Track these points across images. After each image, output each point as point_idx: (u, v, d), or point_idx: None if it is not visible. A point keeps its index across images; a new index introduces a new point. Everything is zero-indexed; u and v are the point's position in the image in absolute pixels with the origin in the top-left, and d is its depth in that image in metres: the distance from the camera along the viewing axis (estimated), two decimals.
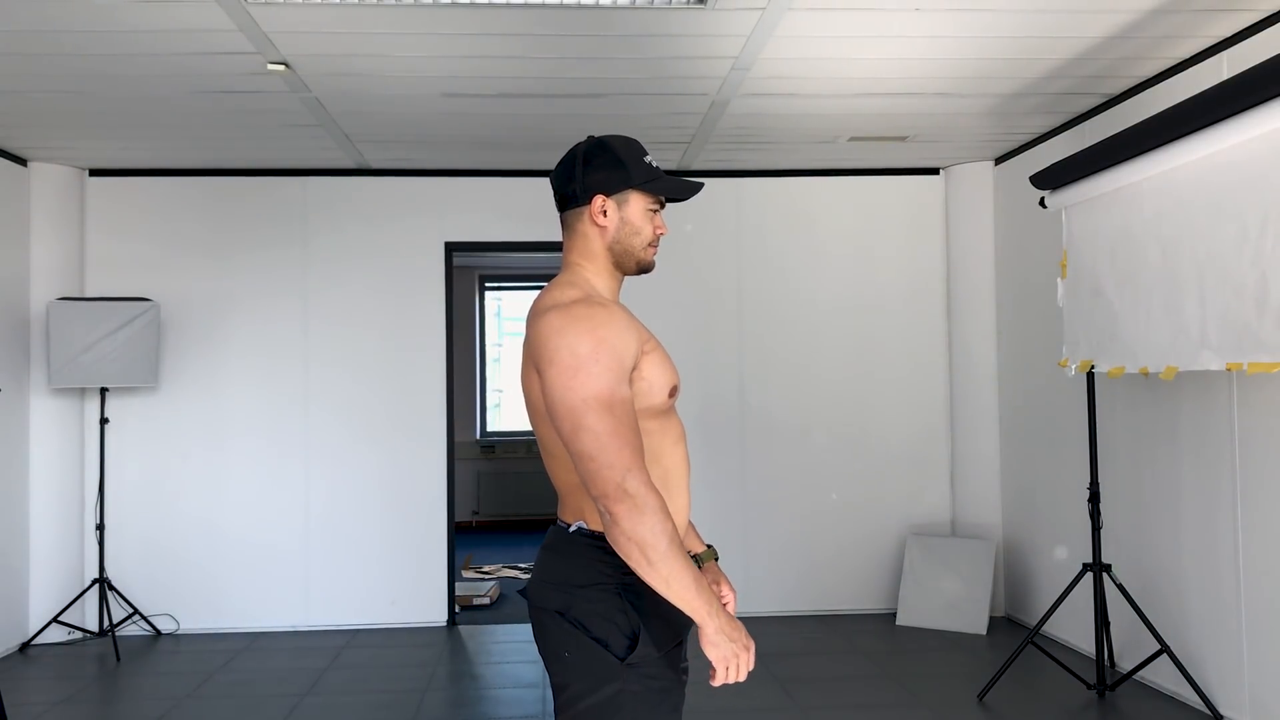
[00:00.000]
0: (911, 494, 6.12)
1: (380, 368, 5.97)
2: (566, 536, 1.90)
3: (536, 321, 1.83)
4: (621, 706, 1.78)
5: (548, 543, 1.96)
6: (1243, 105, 3.32)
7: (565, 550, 1.89)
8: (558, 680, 1.86)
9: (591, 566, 1.83)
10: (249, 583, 5.85)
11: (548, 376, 1.76)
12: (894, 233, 6.18)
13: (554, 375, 1.75)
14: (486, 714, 4.36)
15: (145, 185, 5.92)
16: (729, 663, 1.74)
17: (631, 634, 1.79)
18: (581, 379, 1.72)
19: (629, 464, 1.69)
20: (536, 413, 1.89)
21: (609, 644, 1.79)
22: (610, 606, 1.81)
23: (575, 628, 1.81)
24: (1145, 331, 3.91)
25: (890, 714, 4.26)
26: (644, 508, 1.67)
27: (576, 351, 1.74)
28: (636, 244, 1.95)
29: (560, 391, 1.74)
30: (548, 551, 1.94)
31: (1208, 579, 4.12)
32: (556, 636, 1.84)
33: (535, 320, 1.84)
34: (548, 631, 1.87)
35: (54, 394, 5.62)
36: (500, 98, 4.58)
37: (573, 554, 1.87)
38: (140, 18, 3.58)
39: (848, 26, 3.77)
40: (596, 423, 1.70)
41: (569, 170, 1.96)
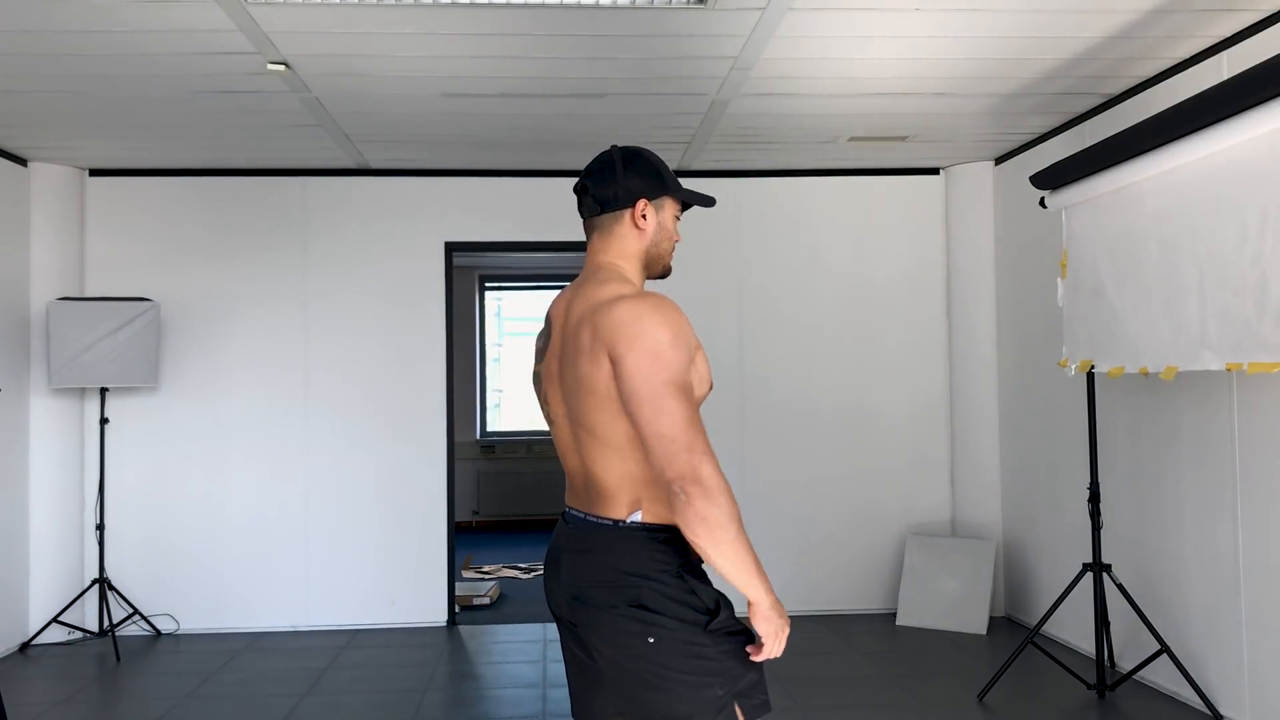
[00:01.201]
0: (911, 494, 6.12)
1: (380, 368, 5.97)
2: (619, 532, 1.92)
3: (609, 310, 1.88)
4: (736, 664, 1.89)
5: (584, 545, 1.95)
6: (1243, 105, 3.33)
7: (620, 546, 1.91)
8: (636, 669, 1.87)
9: (654, 557, 1.89)
10: (249, 583, 5.85)
11: (628, 361, 1.82)
12: (894, 233, 6.18)
13: (635, 360, 1.82)
14: (486, 714, 4.36)
15: (145, 185, 5.92)
16: (776, 636, 1.88)
17: (709, 607, 1.89)
18: (664, 364, 1.81)
19: (705, 448, 1.78)
20: (595, 400, 1.88)
21: (689, 620, 1.87)
22: (679, 589, 1.88)
23: (654, 614, 1.86)
24: (1145, 331, 3.91)
25: (890, 714, 4.26)
26: (719, 490, 1.76)
27: (658, 338, 1.82)
28: (667, 249, 2.08)
29: (644, 375, 1.80)
30: (591, 553, 1.93)
31: (1208, 579, 4.13)
32: (630, 628, 1.87)
33: (607, 309, 1.88)
34: (616, 629, 1.88)
35: (54, 394, 5.62)
36: (500, 98, 4.58)
37: (631, 548, 1.90)
38: (140, 18, 3.58)
39: (848, 26, 3.77)
40: (677, 407, 1.79)
41: (608, 174, 2.04)
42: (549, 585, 2.07)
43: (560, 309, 2.05)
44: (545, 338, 2.11)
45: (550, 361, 2.04)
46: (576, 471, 2.02)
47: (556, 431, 2.06)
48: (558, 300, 2.09)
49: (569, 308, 2.01)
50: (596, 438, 1.92)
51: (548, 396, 2.06)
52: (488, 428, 9.86)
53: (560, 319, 2.03)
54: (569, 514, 2.05)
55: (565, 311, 2.02)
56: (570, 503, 2.06)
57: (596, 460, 1.94)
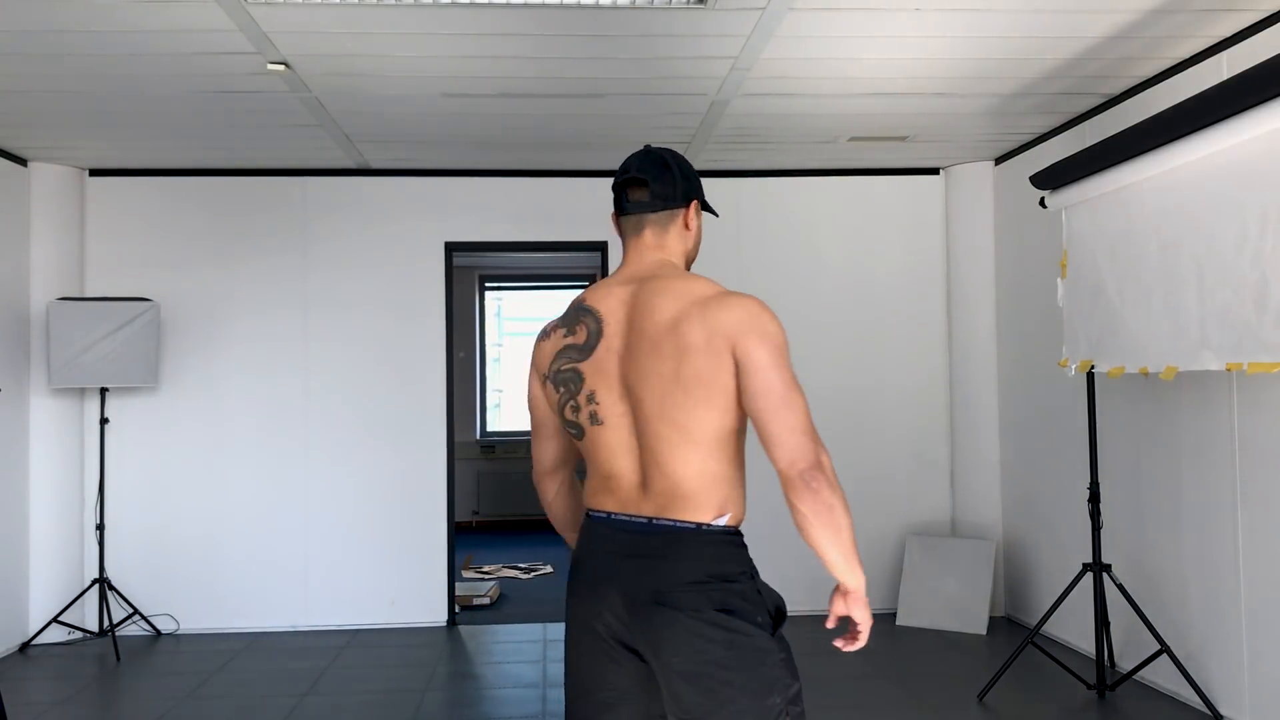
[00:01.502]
0: (911, 494, 6.12)
1: (380, 368, 5.96)
2: (703, 535, 1.88)
3: (724, 305, 1.87)
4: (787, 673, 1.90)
5: (658, 550, 1.88)
6: (1243, 105, 3.33)
7: (707, 550, 1.88)
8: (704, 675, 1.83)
9: (734, 559, 1.91)
10: (249, 583, 5.84)
11: (760, 354, 1.83)
12: (894, 233, 6.18)
13: (767, 353, 1.84)
14: (486, 714, 4.36)
15: (145, 185, 5.92)
16: (869, 624, 1.95)
17: (773, 613, 1.92)
18: (787, 358, 1.86)
19: (820, 440, 1.85)
20: (699, 396, 1.84)
21: (762, 624, 1.89)
22: (754, 594, 1.91)
23: (737, 619, 1.86)
24: (1145, 331, 3.91)
25: (890, 714, 4.26)
26: (835, 479, 1.84)
27: (778, 334, 1.87)
28: (695, 253, 2.11)
29: (775, 370, 1.83)
30: (671, 558, 1.87)
31: (1208, 579, 4.12)
32: (712, 634, 1.84)
33: (721, 305, 1.87)
34: (697, 633, 1.84)
35: (54, 394, 5.62)
36: (500, 98, 4.58)
37: (717, 552, 1.89)
38: (140, 18, 3.58)
39: (848, 26, 3.77)
40: (801, 401, 1.85)
41: (667, 171, 2.02)
42: (594, 591, 1.94)
43: (615, 304, 1.95)
44: (593, 334, 1.95)
45: (604, 358, 1.93)
46: (627, 473, 1.93)
47: (601, 433, 1.94)
48: (598, 296, 1.98)
49: (650, 301, 1.91)
50: (687, 435, 1.86)
51: (595, 394, 1.93)
52: (488, 428, 9.86)
53: (640, 313, 1.91)
54: (614, 518, 1.95)
55: (646, 305, 1.91)
56: (610, 506, 1.96)
57: (677, 459, 1.87)
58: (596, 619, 1.94)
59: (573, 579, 2.02)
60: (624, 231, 2.05)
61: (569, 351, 1.98)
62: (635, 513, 1.93)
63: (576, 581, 2.00)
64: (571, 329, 1.99)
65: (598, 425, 1.94)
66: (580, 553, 2.02)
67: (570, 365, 1.97)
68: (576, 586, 2.00)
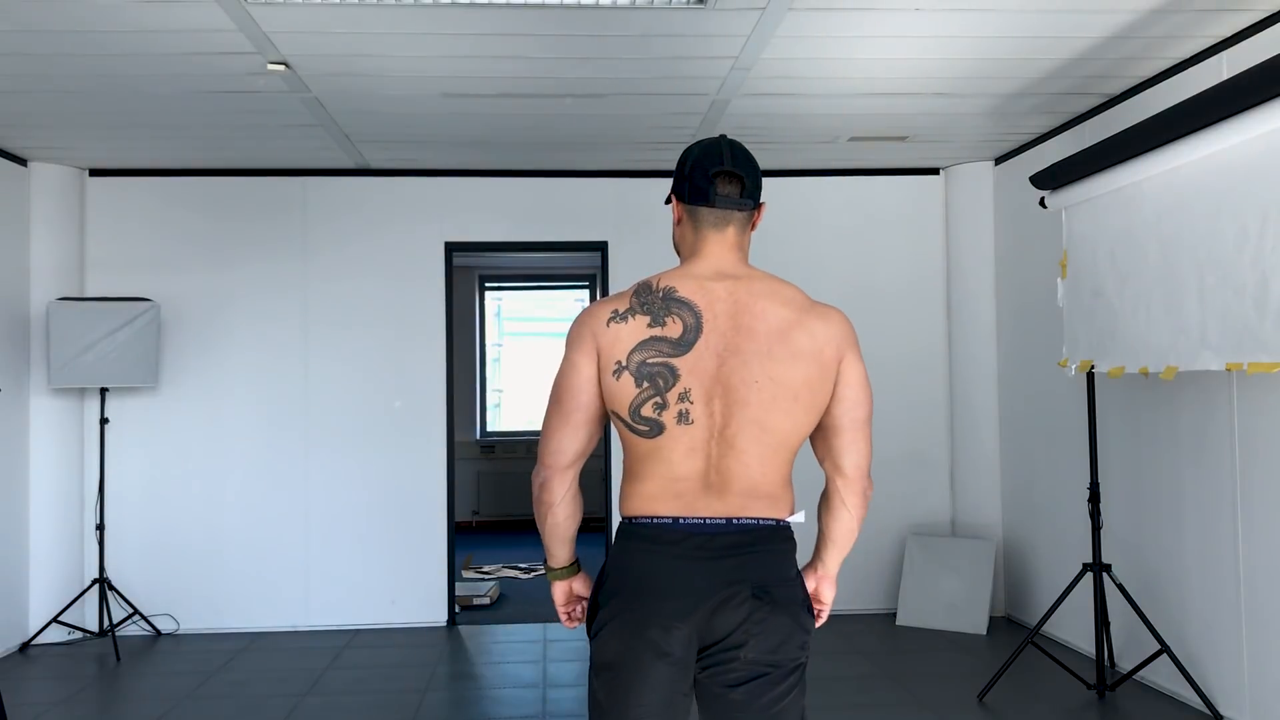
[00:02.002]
0: (911, 494, 6.12)
1: (380, 368, 5.96)
2: (783, 531, 1.98)
3: (831, 318, 1.97)
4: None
5: (750, 545, 1.91)
6: (1243, 105, 3.33)
7: (788, 546, 1.99)
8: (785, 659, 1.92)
9: (794, 556, 2.01)
10: (249, 583, 5.84)
11: (859, 368, 1.98)
12: (894, 233, 6.18)
13: (861, 369, 1.98)
14: (486, 714, 4.36)
15: (145, 185, 5.92)
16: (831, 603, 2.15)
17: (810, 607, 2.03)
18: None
19: None
20: (804, 403, 1.92)
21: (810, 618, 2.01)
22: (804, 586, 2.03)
23: (809, 615, 1.99)
24: (1145, 331, 3.91)
25: (890, 714, 4.26)
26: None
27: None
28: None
29: (867, 385, 2.00)
30: (764, 553, 1.93)
31: (1208, 579, 4.12)
32: (800, 627, 1.95)
33: (828, 317, 1.96)
34: (789, 628, 1.92)
35: (54, 394, 5.61)
36: (500, 98, 4.58)
37: (792, 548, 2.00)
38: (140, 18, 3.58)
39: (848, 26, 3.77)
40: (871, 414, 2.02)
41: (757, 170, 2.00)
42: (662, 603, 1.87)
43: (714, 301, 1.90)
44: (690, 329, 1.89)
45: (703, 356, 1.87)
46: (697, 474, 1.89)
47: (685, 432, 1.88)
48: (690, 289, 1.91)
49: (754, 302, 1.90)
50: (782, 439, 1.91)
51: (690, 393, 1.87)
52: (488, 428, 9.86)
53: (742, 312, 1.90)
54: (683, 522, 1.90)
55: (749, 305, 1.90)
56: (675, 511, 1.91)
57: (766, 461, 1.91)
58: (653, 629, 1.87)
59: (619, 590, 1.92)
60: (701, 222, 1.96)
61: (658, 344, 1.88)
62: (707, 515, 1.91)
63: (627, 592, 1.91)
64: (659, 319, 1.89)
65: (685, 425, 1.88)
66: (630, 563, 1.92)
67: (662, 360, 1.88)
68: (626, 597, 1.90)
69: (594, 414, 1.94)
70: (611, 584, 1.95)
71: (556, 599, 2.12)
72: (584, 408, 1.93)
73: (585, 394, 1.92)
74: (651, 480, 1.92)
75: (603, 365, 1.91)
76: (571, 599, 2.12)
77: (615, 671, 1.91)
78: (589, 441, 1.96)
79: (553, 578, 2.10)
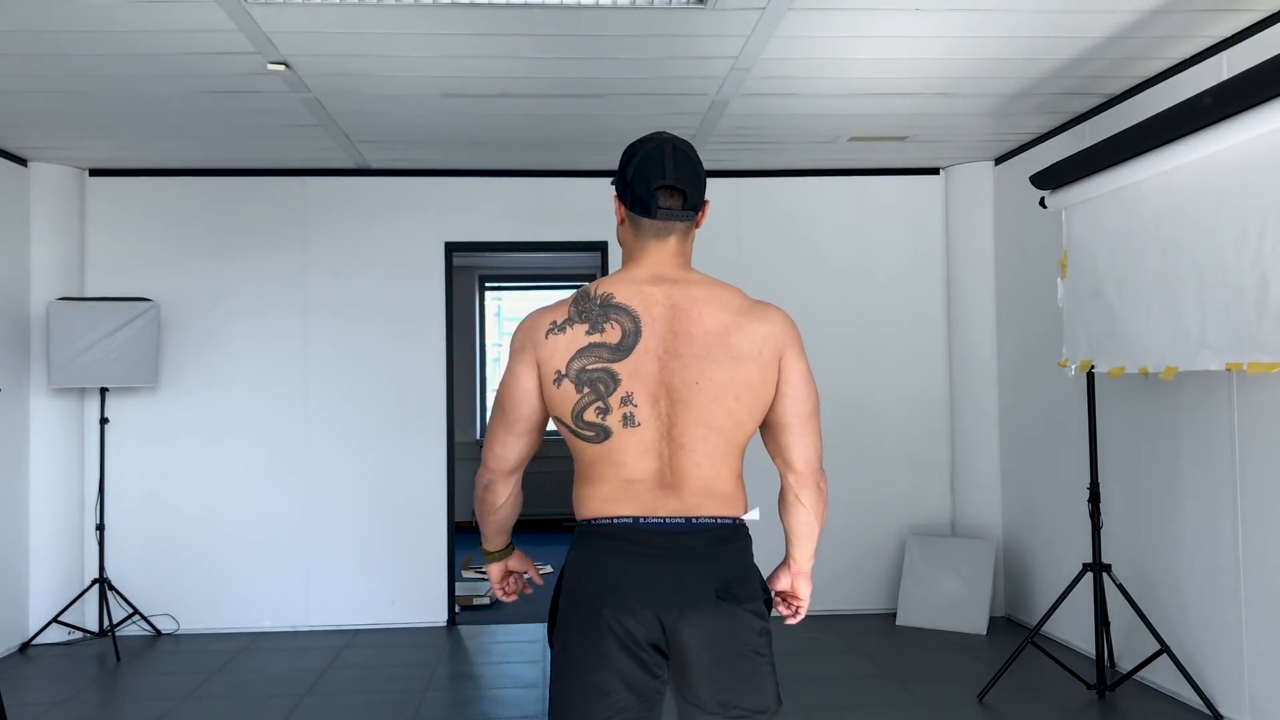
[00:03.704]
0: (911, 494, 6.12)
1: (380, 368, 5.96)
2: (739, 529, 2.01)
3: (770, 317, 1.99)
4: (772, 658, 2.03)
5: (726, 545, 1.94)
6: (1243, 105, 3.33)
7: (744, 544, 2.00)
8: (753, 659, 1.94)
9: (751, 552, 2.03)
10: (249, 583, 5.84)
11: (801, 366, 2.00)
12: (894, 233, 6.18)
13: (803, 367, 2.00)
14: (486, 714, 4.36)
15: (145, 185, 5.92)
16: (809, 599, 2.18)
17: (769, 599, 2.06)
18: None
19: None
20: (747, 402, 1.95)
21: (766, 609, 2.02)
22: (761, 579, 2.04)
23: (767, 608, 2.02)
24: (1145, 331, 3.91)
25: (890, 714, 4.26)
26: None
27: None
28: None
29: (809, 381, 2.02)
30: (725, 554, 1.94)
31: (1208, 579, 4.12)
32: (755, 624, 1.95)
33: (766, 316, 1.99)
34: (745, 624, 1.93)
35: (54, 394, 5.61)
36: (500, 98, 4.58)
37: (748, 545, 2.01)
38: (140, 18, 3.58)
39: (848, 26, 3.77)
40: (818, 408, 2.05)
41: (699, 178, 2.02)
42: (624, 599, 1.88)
43: (651, 305, 1.93)
44: (629, 334, 1.91)
45: (642, 359, 1.90)
46: (650, 475, 1.91)
47: (633, 435, 1.90)
48: (627, 294, 1.94)
49: (691, 307, 1.93)
50: (728, 438, 1.94)
51: (632, 396, 1.89)
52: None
53: (680, 316, 1.92)
54: (643, 522, 1.91)
55: (686, 309, 1.93)
56: (632, 511, 1.92)
57: (715, 461, 1.94)
58: (622, 627, 1.88)
59: (584, 590, 1.92)
60: (642, 230, 2.00)
61: (597, 350, 1.91)
62: (666, 514, 1.92)
63: (592, 592, 1.91)
64: (598, 326, 1.92)
65: (631, 428, 1.90)
66: (593, 562, 1.93)
67: (601, 366, 1.90)
68: (592, 596, 1.90)
69: (535, 423, 2.01)
70: (572, 585, 1.95)
71: (493, 575, 2.25)
72: (525, 418, 1.99)
73: (525, 404, 1.98)
74: (605, 483, 1.94)
75: (543, 375, 1.95)
76: (506, 574, 2.25)
77: (579, 674, 1.90)
78: (531, 448, 2.05)
79: (490, 560, 2.23)
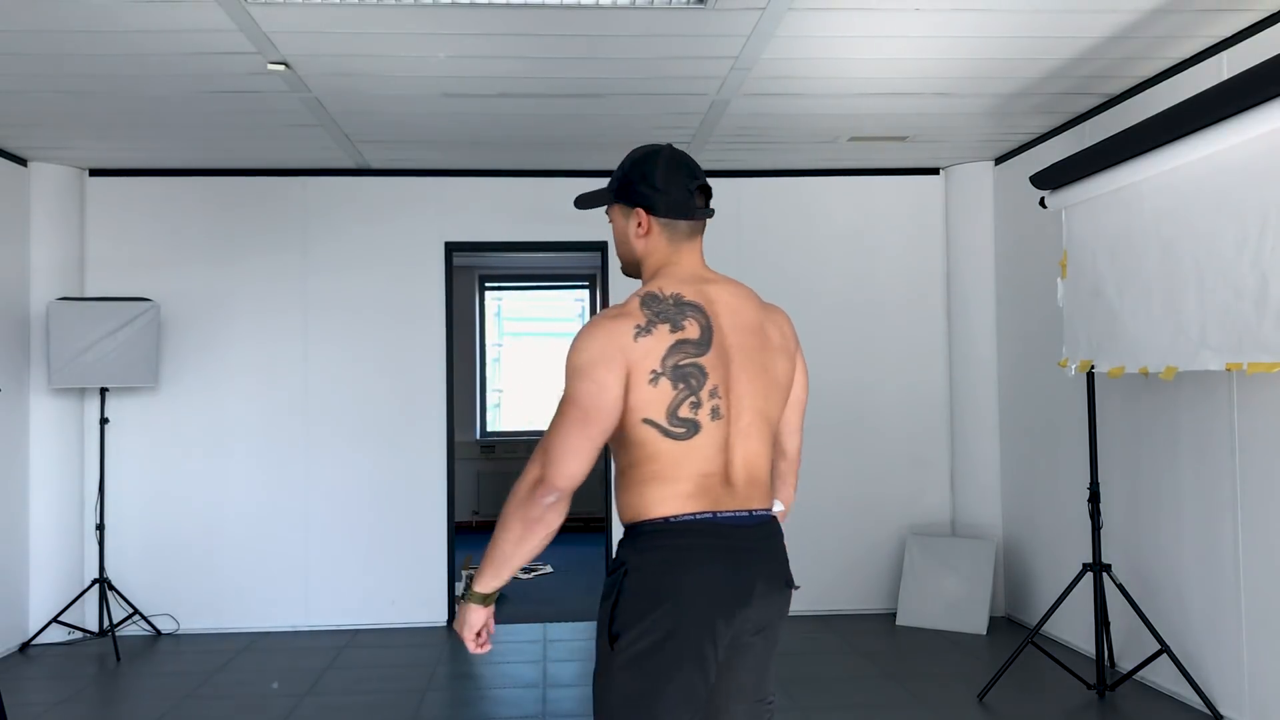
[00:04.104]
0: (911, 494, 6.12)
1: (380, 368, 5.96)
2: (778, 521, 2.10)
3: (782, 316, 2.11)
4: None
5: (771, 537, 2.02)
6: (1243, 105, 3.33)
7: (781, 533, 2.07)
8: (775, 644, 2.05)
9: None
10: (249, 583, 5.84)
11: (804, 364, 2.15)
12: (894, 233, 6.18)
13: (804, 366, 2.15)
14: (486, 714, 4.36)
15: (145, 185, 5.92)
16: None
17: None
18: None
19: None
20: (784, 397, 2.07)
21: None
22: None
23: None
24: (1145, 331, 3.91)
25: (890, 714, 4.26)
26: None
27: None
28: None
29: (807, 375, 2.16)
30: (777, 545, 2.03)
31: (1208, 579, 4.12)
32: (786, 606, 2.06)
33: (781, 315, 2.11)
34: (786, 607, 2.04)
35: (54, 394, 5.62)
36: (500, 98, 4.58)
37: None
38: (140, 18, 3.58)
39: (848, 26, 3.77)
40: None
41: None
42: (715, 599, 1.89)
43: (709, 301, 1.97)
44: (705, 329, 1.94)
45: (719, 354, 1.93)
46: (719, 470, 1.92)
47: (716, 429, 1.92)
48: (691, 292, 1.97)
49: (732, 301, 2.00)
50: (772, 429, 2.03)
51: (718, 389, 1.92)
52: (487, 428, 9.86)
53: (730, 311, 1.98)
54: (719, 517, 1.91)
55: (731, 304, 1.99)
56: (707, 506, 1.91)
57: (764, 453, 2.00)
58: (713, 627, 1.88)
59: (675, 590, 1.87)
60: (677, 233, 2.03)
61: (684, 347, 1.91)
62: (733, 508, 1.94)
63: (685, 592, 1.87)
64: (678, 324, 1.92)
65: (716, 421, 1.92)
66: (680, 560, 1.89)
67: (690, 361, 1.91)
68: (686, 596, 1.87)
69: (611, 432, 1.92)
70: (655, 584, 1.89)
71: (475, 622, 2.02)
72: (609, 429, 1.90)
73: (614, 414, 1.88)
74: (682, 480, 1.91)
75: (634, 378, 1.88)
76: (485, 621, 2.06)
77: (668, 675, 1.87)
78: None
79: (485, 602, 2.02)
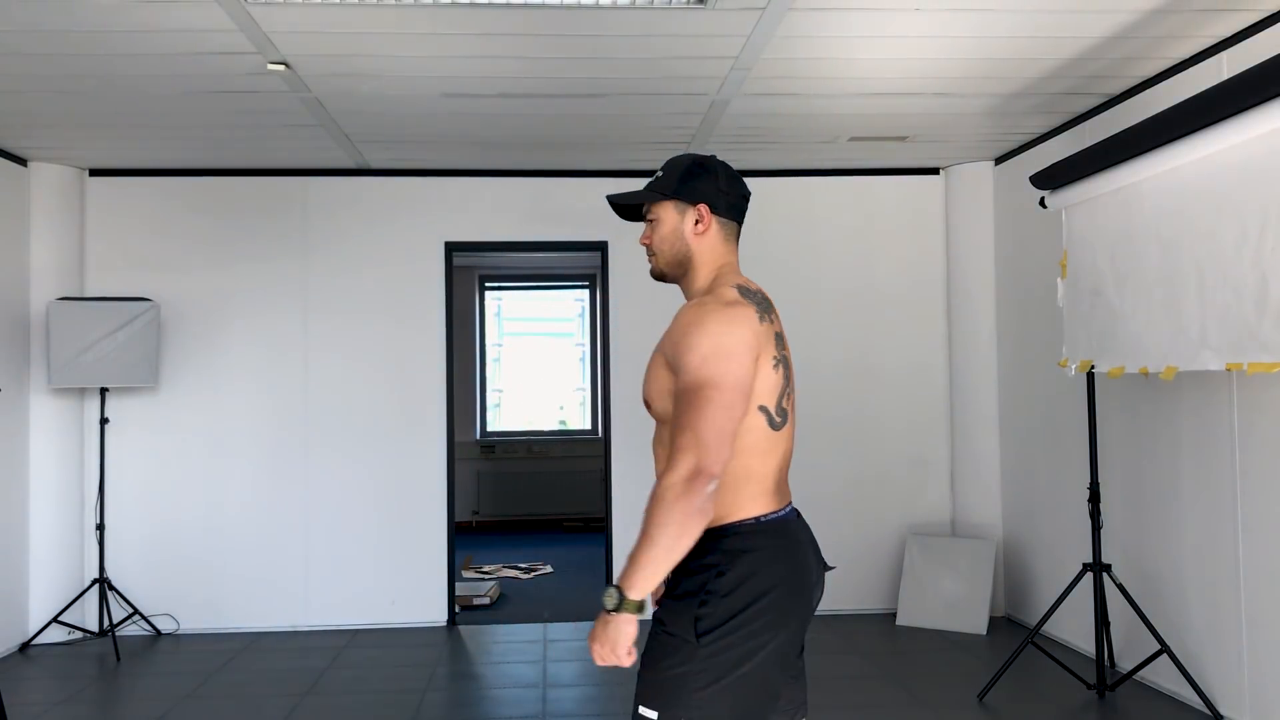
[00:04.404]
0: (911, 494, 6.12)
1: (380, 368, 5.96)
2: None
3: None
4: None
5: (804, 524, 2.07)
6: (1243, 105, 3.33)
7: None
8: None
9: None
10: (249, 583, 5.84)
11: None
12: (894, 232, 6.18)
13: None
14: (486, 714, 4.36)
15: (145, 185, 5.92)
16: None
17: None
18: None
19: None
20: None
21: None
22: None
23: None
24: (1145, 331, 3.91)
25: (890, 714, 4.26)
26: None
27: None
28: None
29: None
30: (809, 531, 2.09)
31: (1208, 579, 4.12)
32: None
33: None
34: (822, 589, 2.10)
35: (54, 394, 5.62)
36: (500, 98, 4.58)
37: None
38: (140, 18, 3.58)
39: (848, 26, 3.77)
40: None
41: None
42: (810, 580, 1.99)
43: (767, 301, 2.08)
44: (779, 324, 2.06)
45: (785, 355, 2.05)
46: (786, 465, 2.03)
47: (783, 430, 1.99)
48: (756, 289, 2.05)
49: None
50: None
51: (789, 391, 2.03)
52: (487, 428, 9.86)
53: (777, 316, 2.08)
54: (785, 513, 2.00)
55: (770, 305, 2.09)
56: (776, 504, 1.98)
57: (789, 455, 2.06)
58: (812, 599, 2.01)
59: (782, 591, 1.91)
60: (730, 234, 2.12)
61: (779, 340, 2.02)
62: (789, 502, 2.05)
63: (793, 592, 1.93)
64: (768, 318, 2.01)
65: (785, 420, 2.00)
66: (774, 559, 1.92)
67: (783, 353, 2.02)
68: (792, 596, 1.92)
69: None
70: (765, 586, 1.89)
71: (632, 635, 1.82)
72: (744, 408, 1.88)
73: (746, 394, 1.88)
74: (767, 477, 1.97)
75: (761, 363, 1.92)
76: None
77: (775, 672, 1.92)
78: None
79: (636, 610, 1.81)
